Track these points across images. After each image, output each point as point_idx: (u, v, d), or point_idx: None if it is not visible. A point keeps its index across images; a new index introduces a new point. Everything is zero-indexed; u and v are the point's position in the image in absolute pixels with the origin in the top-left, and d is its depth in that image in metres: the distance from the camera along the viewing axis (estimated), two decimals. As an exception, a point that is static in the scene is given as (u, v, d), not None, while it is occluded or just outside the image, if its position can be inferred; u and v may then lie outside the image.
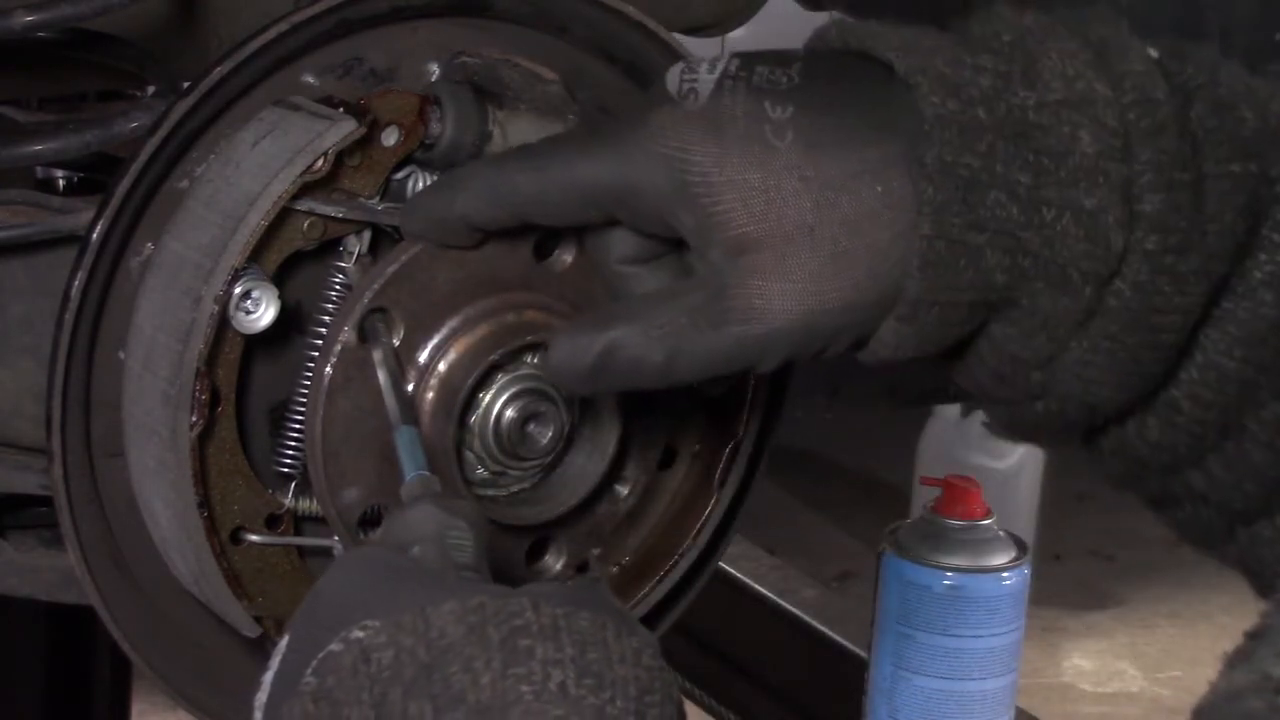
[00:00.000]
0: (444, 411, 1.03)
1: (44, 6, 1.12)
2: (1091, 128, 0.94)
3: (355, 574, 0.89)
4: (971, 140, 0.94)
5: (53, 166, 1.37)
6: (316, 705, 0.82)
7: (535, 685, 0.80)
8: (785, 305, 0.95)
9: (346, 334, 1.02)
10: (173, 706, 1.11)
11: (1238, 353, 0.98)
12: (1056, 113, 0.95)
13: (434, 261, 1.04)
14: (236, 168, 1.03)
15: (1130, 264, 0.95)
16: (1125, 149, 0.95)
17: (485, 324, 1.04)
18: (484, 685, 0.80)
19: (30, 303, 1.16)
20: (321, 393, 1.02)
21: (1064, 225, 0.94)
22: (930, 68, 0.96)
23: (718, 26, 1.60)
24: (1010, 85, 0.96)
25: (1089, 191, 0.94)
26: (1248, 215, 0.97)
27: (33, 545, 1.21)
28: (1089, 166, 0.94)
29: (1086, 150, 0.94)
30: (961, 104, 0.95)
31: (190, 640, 1.11)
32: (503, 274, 1.05)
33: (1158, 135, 0.95)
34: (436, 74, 1.10)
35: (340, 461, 1.03)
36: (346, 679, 0.82)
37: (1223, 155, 0.97)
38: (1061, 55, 0.96)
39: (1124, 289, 0.95)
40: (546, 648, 0.81)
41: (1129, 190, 0.95)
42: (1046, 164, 0.95)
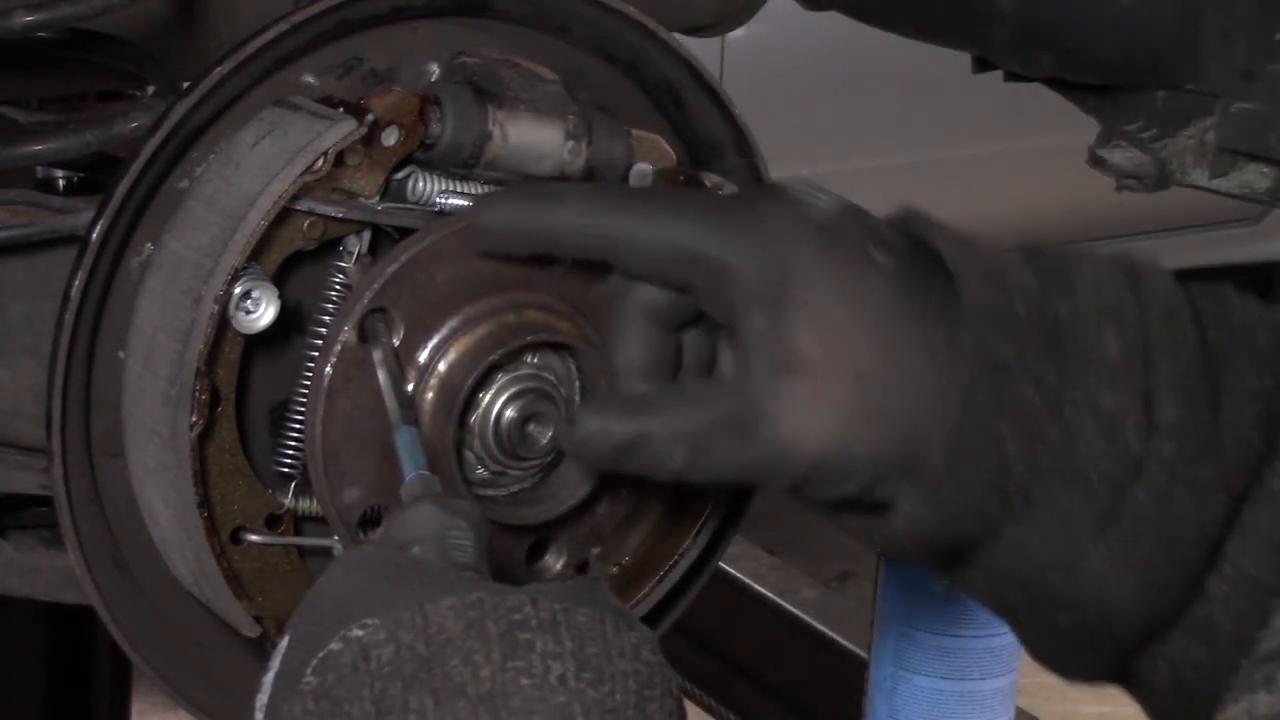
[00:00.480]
0: (444, 411, 1.03)
1: (44, 6, 1.12)
2: (1117, 333, 0.98)
3: (355, 573, 0.89)
4: (1008, 331, 0.97)
5: (53, 166, 1.37)
6: (317, 703, 0.83)
7: (535, 677, 0.80)
8: (812, 441, 0.98)
9: (346, 334, 1.02)
10: (173, 706, 1.11)
11: (1266, 560, 1.00)
12: (1086, 317, 0.98)
13: (434, 261, 1.04)
14: (236, 168, 1.03)
15: (1148, 470, 0.98)
16: (1147, 357, 0.98)
17: (485, 324, 1.04)
18: (484, 677, 0.80)
19: (30, 303, 1.16)
20: (321, 393, 1.02)
21: (1084, 425, 0.97)
22: (977, 260, 1.00)
23: (718, 26, 1.60)
24: (1049, 288, 1.00)
25: (1110, 394, 0.97)
26: (1265, 427, 1.00)
27: (33, 545, 1.21)
28: (1112, 370, 0.97)
29: (1111, 354, 0.98)
30: (1002, 296, 0.98)
31: (190, 640, 1.11)
32: (503, 274, 1.05)
33: (1179, 347, 0.99)
34: (436, 74, 1.10)
35: (340, 461, 1.03)
36: (347, 676, 0.82)
37: (1239, 370, 1.00)
38: (1095, 267, 1.00)
39: (1140, 495, 0.98)
40: (546, 641, 0.82)
41: (1149, 397, 0.98)
42: (1073, 365, 0.98)
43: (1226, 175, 1.43)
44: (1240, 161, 1.42)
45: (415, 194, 1.06)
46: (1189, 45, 1.39)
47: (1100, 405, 0.97)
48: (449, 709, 0.80)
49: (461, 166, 1.06)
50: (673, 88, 1.15)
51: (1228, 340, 1.01)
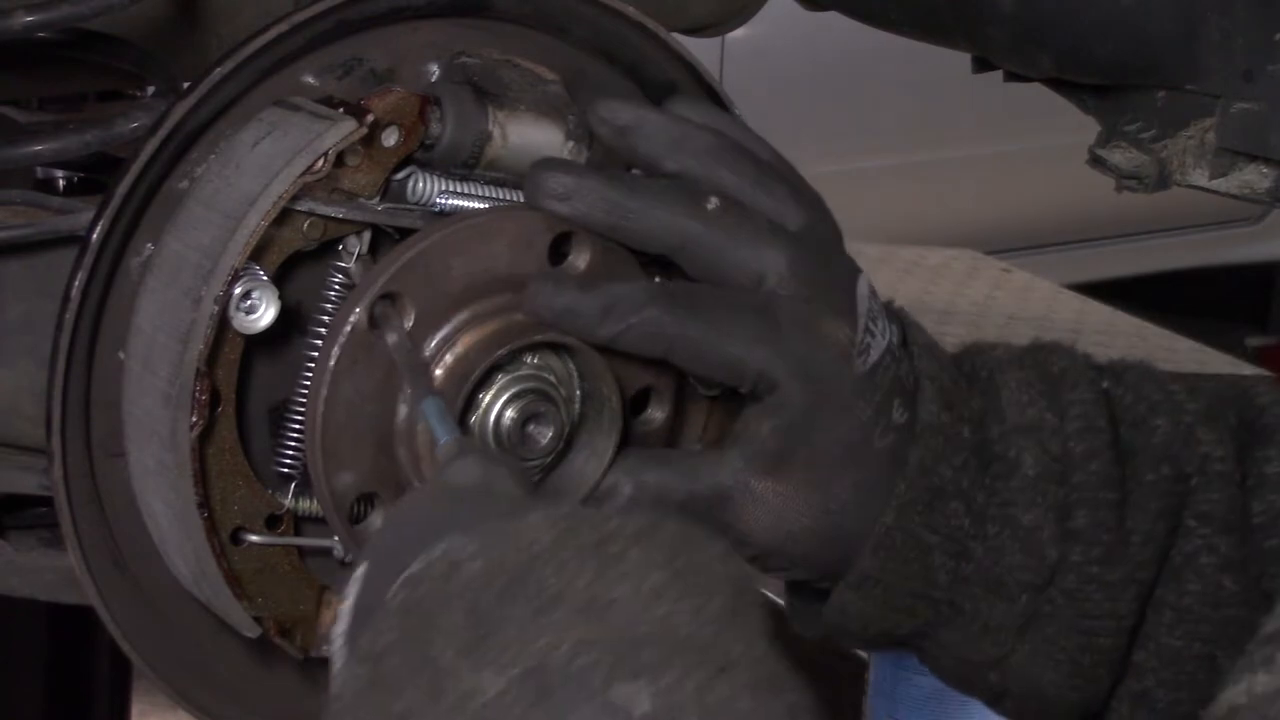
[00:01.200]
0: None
1: (44, 6, 1.12)
2: (1034, 451, 1.07)
3: (434, 500, 0.89)
4: (950, 453, 1.06)
5: (53, 166, 1.37)
6: (406, 617, 0.81)
7: (632, 586, 0.79)
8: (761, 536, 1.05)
9: (358, 315, 1.02)
10: (173, 706, 1.11)
11: (1178, 632, 1.09)
12: (1009, 439, 1.07)
13: (449, 253, 1.03)
14: (236, 168, 1.03)
15: (1062, 575, 1.07)
16: (1063, 473, 1.07)
17: (495, 320, 1.04)
18: (580, 587, 0.78)
19: (30, 303, 1.16)
20: (327, 373, 1.02)
21: (1004, 539, 1.06)
22: (940, 375, 1.07)
23: (718, 26, 1.60)
24: (987, 418, 1.08)
25: (1027, 509, 1.06)
26: (1168, 517, 1.09)
27: (33, 545, 1.21)
28: (1028, 487, 1.06)
29: (1028, 473, 1.06)
30: (954, 418, 1.06)
31: (190, 640, 1.11)
32: (516, 273, 1.05)
33: (1091, 460, 1.07)
34: (436, 74, 1.09)
35: (339, 445, 1.03)
36: (437, 589, 0.80)
37: (1141, 467, 1.09)
38: (1019, 385, 1.09)
39: (1057, 596, 1.07)
40: (638, 551, 0.80)
41: (1063, 508, 1.07)
42: (997, 485, 1.07)
43: (1226, 175, 1.43)
44: (1240, 161, 1.42)
45: (415, 194, 1.06)
46: (1189, 45, 1.39)
47: (1018, 521, 1.06)
48: (548, 618, 0.77)
49: (461, 167, 1.06)
50: (673, 88, 1.15)
51: (1135, 435, 1.10)
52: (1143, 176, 1.46)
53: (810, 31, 2.68)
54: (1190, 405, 1.12)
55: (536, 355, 1.05)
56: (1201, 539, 1.09)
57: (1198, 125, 1.42)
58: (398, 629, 0.81)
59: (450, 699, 0.76)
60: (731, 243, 1.04)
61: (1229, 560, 1.09)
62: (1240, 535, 1.10)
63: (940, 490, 1.05)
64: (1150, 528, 1.08)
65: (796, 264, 1.04)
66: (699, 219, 1.04)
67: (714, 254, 1.04)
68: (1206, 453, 1.11)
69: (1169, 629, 1.09)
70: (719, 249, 1.04)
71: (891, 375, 1.05)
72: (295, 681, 1.13)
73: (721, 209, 1.04)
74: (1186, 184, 1.45)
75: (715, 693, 0.73)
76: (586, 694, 0.73)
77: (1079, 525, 1.07)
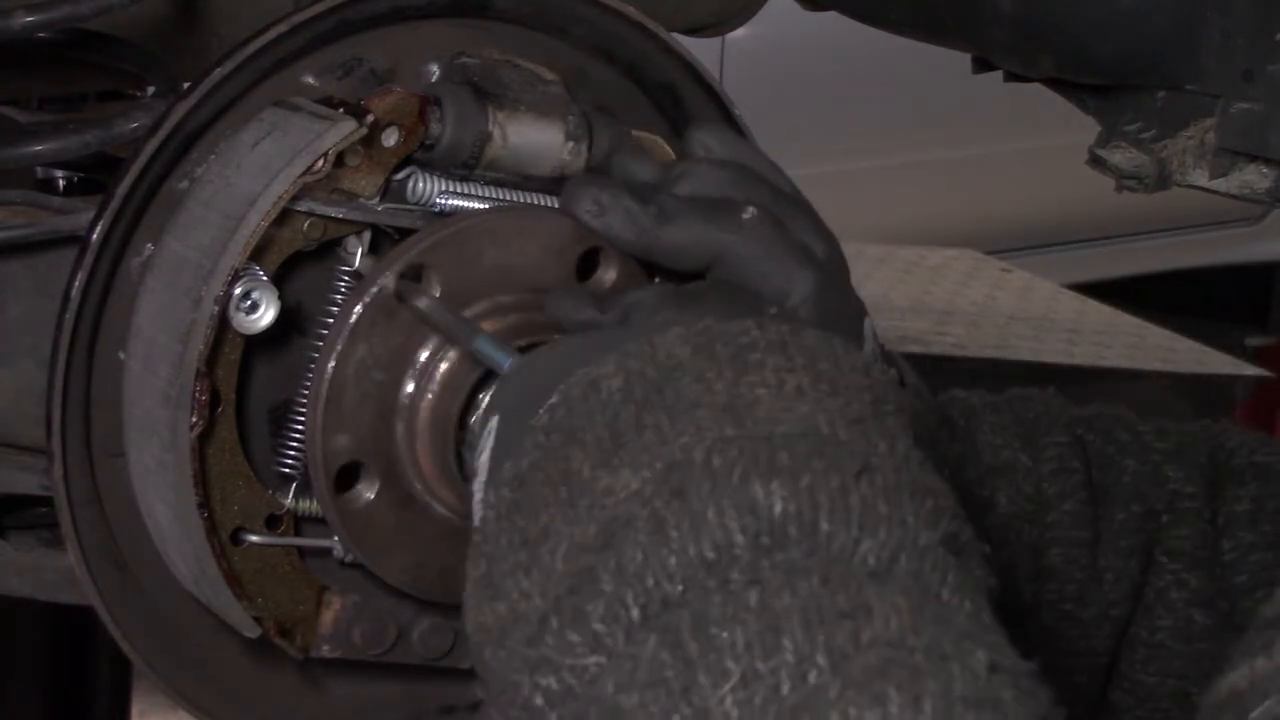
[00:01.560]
0: (445, 410, 1.03)
1: (44, 6, 1.12)
2: (1008, 491, 1.08)
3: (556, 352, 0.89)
4: None
5: (53, 166, 1.37)
6: (549, 436, 0.80)
7: (771, 389, 0.78)
8: None
9: (386, 278, 1.02)
10: (173, 706, 1.11)
11: (1151, 668, 1.10)
12: (984, 480, 1.08)
13: (485, 239, 1.03)
14: (237, 168, 1.03)
15: (1035, 612, 1.08)
16: (1035, 512, 1.08)
17: (515, 315, 1.04)
18: (719, 390, 0.78)
19: (30, 303, 1.16)
20: (345, 329, 1.02)
21: None
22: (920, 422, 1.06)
23: (718, 26, 1.60)
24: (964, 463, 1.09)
25: (1002, 547, 1.07)
26: (1140, 554, 1.10)
27: (33, 545, 1.21)
28: (1003, 525, 1.07)
29: (1003, 512, 1.08)
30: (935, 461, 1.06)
31: (190, 640, 1.11)
32: (542, 274, 1.05)
33: (1065, 499, 1.09)
34: (436, 74, 1.09)
35: (341, 403, 1.02)
36: (577, 407, 0.80)
37: (1112, 507, 1.10)
38: (993, 429, 1.10)
39: (1032, 633, 1.08)
40: (777, 359, 0.79)
41: (1037, 547, 1.08)
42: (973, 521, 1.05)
43: (1226, 175, 1.43)
44: (1240, 161, 1.42)
45: (415, 194, 1.06)
46: (1189, 45, 1.39)
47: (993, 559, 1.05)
48: (690, 419, 0.77)
49: (461, 167, 1.06)
50: (673, 88, 1.15)
51: (1106, 475, 1.11)
52: (1143, 176, 1.46)
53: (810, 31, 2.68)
54: (1158, 445, 1.14)
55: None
56: (1171, 574, 1.10)
57: (1198, 125, 1.42)
58: (540, 449, 0.80)
59: (586, 502, 0.76)
60: (765, 254, 1.03)
61: (1198, 594, 1.10)
62: (1209, 570, 1.11)
63: None
64: (1123, 565, 1.09)
65: (821, 289, 1.04)
66: (734, 230, 1.03)
67: (747, 264, 1.03)
68: (1175, 489, 1.12)
69: (1142, 665, 1.10)
70: (753, 259, 1.03)
71: None
72: (295, 681, 1.13)
73: (758, 219, 1.04)
74: (1186, 184, 1.45)
75: (855, 494, 0.72)
76: (723, 490, 0.72)
77: (1053, 563, 1.08)
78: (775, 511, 0.71)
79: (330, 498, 1.03)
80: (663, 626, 0.70)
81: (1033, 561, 1.08)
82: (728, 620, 0.68)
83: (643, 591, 0.71)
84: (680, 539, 0.71)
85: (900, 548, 0.71)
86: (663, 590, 0.71)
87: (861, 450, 0.74)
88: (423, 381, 1.03)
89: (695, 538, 0.71)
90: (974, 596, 0.73)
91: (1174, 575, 1.10)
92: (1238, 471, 1.14)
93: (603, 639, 0.72)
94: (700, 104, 1.15)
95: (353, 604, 1.09)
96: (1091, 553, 1.09)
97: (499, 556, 0.78)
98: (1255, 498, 1.13)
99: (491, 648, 0.78)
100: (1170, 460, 1.13)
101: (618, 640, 0.71)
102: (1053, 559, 1.08)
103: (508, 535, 0.79)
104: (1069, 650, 1.08)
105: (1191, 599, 1.10)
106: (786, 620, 0.67)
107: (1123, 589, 1.10)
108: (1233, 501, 1.13)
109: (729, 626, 0.68)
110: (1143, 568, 1.10)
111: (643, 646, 0.70)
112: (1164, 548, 1.11)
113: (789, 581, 0.69)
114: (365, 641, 1.09)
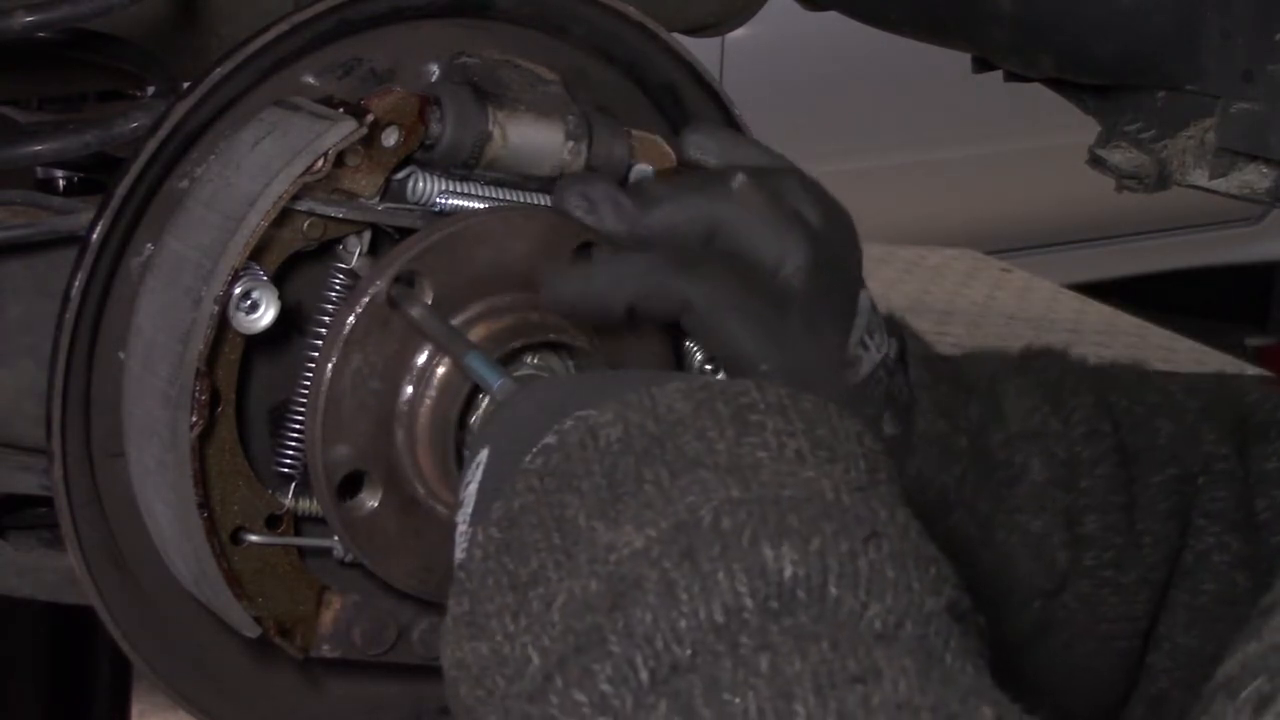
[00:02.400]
0: (445, 410, 1.03)
1: (44, 6, 1.12)
2: (1042, 458, 1.06)
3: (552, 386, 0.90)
4: (950, 462, 1.05)
5: (53, 166, 1.37)
6: (543, 481, 0.79)
7: (771, 452, 0.78)
8: None
9: (378, 287, 1.02)
10: (173, 706, 1.11)
11: (1195, 631, 1.09)
12: (1014, 445, 1.06)
13: (477, 241, 1.03)
14: (236, 168, 1.03)
15: (1074, 580, 1.06)
16: (1070, 478, 1.06)
17: (508, 316, 1.04)
18: (720, 451, 0.77)
19: (30, 303, 1.16)
20: (339, 340, 1.02)
21: (1013, 546, 1.06)
22: (936, 387, 1.06)
23: (718, 26, 1.60)
24: (988, 424, 1.07)
25: (1036, 515, 1.06)
26: (1177, 516, 1.09)
27: (33, 546, 1.21)
28: (1036, 494, 1.06)
29: (1036, 479, 1.06)
30: (951, 427, 1.06)
31: (190, 640, 1.11)
32: (537, 275, 1.05)
33: (1098, 464, 1.07)
34: (436, 74, 1.09)
35: (339, 414, 1.02)
36: (575, 454, 0.79)
37: (1147, 469, 1.09)
38: (1020, 392, 1.08)
39: (1070, 601, 1.07)
40: (776, 421, 0.79)
41: (1071, 514, 1.06)
42: (1003, 492, 1.06)
43: (1226, 175, 1.42)
44: (1240, 161, 1.42)
45: (415, 194, 1.06)
46: (1189, 45, 1.39)
47: (1028, 528, 1.06)
48: (691, 477, 0.76)
49: (461, 167, 1.06)
50: (673, 88, 1.15)
51: (1138, 437, 1.10)
52: (1143, 176, 1.46)
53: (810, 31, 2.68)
54: (1190, 404, 1.12)
55: (537, 355, 1.05)
56: (1213, 537, 1.09)
57: (1198, 125, 1.42)
58: (533, 493, 0.79)
59: (586, 555, 0.75)
60: (757, 220, 1.02)
61: (1241, 557, 1.09)
62: (1248, 533, 1.10)
63: (942, 501, 1.05)
64: (1161, 529, 1.08)
65: (815, 258, 1.03)
66: (724, 199, 1.02)
67: (741, 231, 1.02)
68: (1210, 451, 1.11)
69: (1184, 629, 1.09)
70: (746, 225, 1.02)
71: (884, 389, 1.04)
72: (295, 681, 1.13)
73: (747, 186, 1.03)
74: (1186, 184, 1.45)
75: (864, 559, 0.72)
76: (734, 553, 0.72)
77: (1090, 530, 1.06)
78: (785, 575, 0.71)
79: (334, 507, 1.03)
80: (673, 691, 0.69)
81: (1068, 529, 1.06)
82: (739, 685, 0.68)
83: (652, 654, 0.71)
84: (691, 602, 0.71)
85: (906, 613, 0.72)
86: (672, 654, 0.71)
87: (867, 517, 0.74)
88: (420, 386, 1.03)
89: (706, 601, 0.71)
90: (975, 660, 0.73)
91: (1215, 538, 1.09)
92: (1262, 428, 1.13)
93: (610, 700, 0.71)
94: (700, 104, 1.15)
95: (353, 604, 1.09)
96: (1129, 517, 1.08)
97: (485, 596, 0.78)
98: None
99: (468, 685, 0.78)
100: (1203, 420, 1.11)
101: (625, 703, 0.71)
102: (1089, 526, 1.07)
103: (495, 576, 0.78)
104: (1110, 616, 1.08)
105: (1234, 562, 1.09)
106: (798, 685, 0.67)
107: (1161, 552, 1.08)
108: (1260, 460, 1.12)
109: (741, 692, 0.68)
110: (1180, 531, 1.09)
111: (653, 712, 0.69)
112: (1201, 510, 1.10)
113: (799, 646, 0.69)
114: (365, 641, 1.09)
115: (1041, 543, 1.06)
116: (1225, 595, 1.09)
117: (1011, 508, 1.06)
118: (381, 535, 1.05)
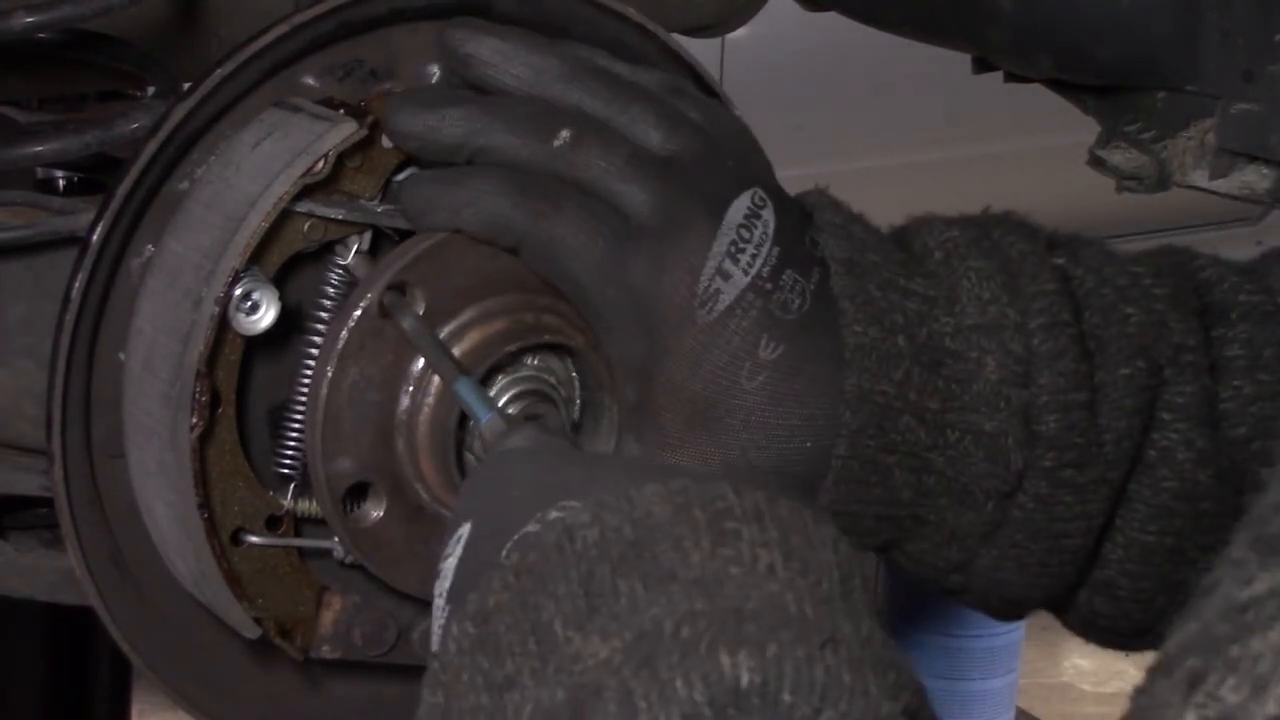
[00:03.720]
0: (442, 423, 1.03)
1: (44, 7, 1.12)
2: (998, 354, 1.02)
3: (539, 461, 0.89)
4: (889, 368, 1.02)
5: (53, 167, 1.37)
6: (519, 579, 0.80)
7: (744, 566, 0.78)
8: None
9: (369, 300, 1.02)
10: (173, 706, 1.11)
11: (1152, 527, 1.07)
12: (968, 338, 1.03)
13: (465, 248, 1.03)
14: (237, 169, 1.03)
15: (1031, 480, 1.03)
16: (1026, 374, 1.02)
17: (503, 319, 1.04)
18: (694, 563, 0.78)
19: (30, 304, 1.16)
20: (334, 355, 1.02)
21: (966, 447, 1.03)
22: (861, 292, 1.03)
23: (718, 27, 1.60)
24: (934, 310, 1.03)
25: (990, 415, 1.02)
26: (1142, 414, 1.05)
27: (33, 546, 1.21)
28: (991, 392, 1.02)
29: (990, 377, 1.02)
30: (884, 331, 1.02)
31: (190, 641, 1.11)
32: (530, 277, 1.05)
33: (1058, 359, 1.03)
34: (437, 75, 1.09)
35: (339, 428, 1.02)
36: (551, 555, 0.79)
37: (1114, 360, 1.05)
38: (979, 277, 1.04)
39: (1026, 502, 1.04)
40: (752, 530, 0.79)
41: (1029, 412, 1.02)
42: (954, 389, 1.03)
43: (1226, 176, 1.43)
44: (1240, 162, 1.42)
45: (415, 195, 1.06)
46: (1189, 46, 1.39)
47: (981, 428, 1.03)
48: (662, 591, 0.77)
49: (462, 168, 1.06)
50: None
51: (1104, 322, 1.05)
52: (1143, 177, 1.46)
53: (810, 31, 2.68)
54: (1158, 291, 1.08)
55: (537, 356, 1.05)
56: (1178, 434, 1.06)
57: (1198, 126, 1.42)
58: (509, 590, 0.80)
59: (554, 664, 0.76)
60: (585, 181, 1.00)
61: (1204, 454, 1.07)
62: (1212, 428, 1.07)
63: (887, 409, 1.02)
64: (1124, 425, 1.05)
65: (657, 197, 1.00)
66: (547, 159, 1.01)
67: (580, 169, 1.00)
68: (1179, 343, 1.07)
69: (1141, 525, 1.07)
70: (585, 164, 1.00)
71: (757, 311, 1.01)
72: (295, 682, 1.13)
73: (571, 142, 1.01)
74: (1186, 184, 1.45)
75: (820, 665, 0.72)
76: (690, 661, 0.72)
77: (1049, 430, 1.03)
78: (742, 682, 0.71)
79: (339, 520, 1.04)
80: None
81: (1024, 427, 1.03)
82: None
83: None
84: (650, 710, 0.71)
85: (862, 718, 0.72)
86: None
87: (827, 625, 0.75)
88: (418, 395, 1.03)
89: (665, 708, 0.71)
90: None
91: (1180, 434, 1.06)
92: (1222, 309, 1.09)
93: None
94: (700, 105, 1.15)
95: (353, 604, 1.09)
96: (1090, 414, 1.04)
97: (459, 693, 0.79)
98: (1248, 341, 1.09)
99: None
100: (1171, 309, 1.07)
101: None
102: (1049, 425, 1.03)
103: (469, 673, 0.79)
104: (1064, 515, 1.05)
105: (1198, 459, 1.07)
106: None
107: (1123, 450, 1.05)
108: (1220, 344, 1.09)
109: None
110: (1144, 427, 1.06)
111: None
112: (1166, 404, 1.07)
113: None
114: (365, 642, 1.09)
115: (995, 443, 1.03)
116: (1186, 492, 1.06)
117: (963, 406, 1.03)
118: (389, 544, 1.05)
